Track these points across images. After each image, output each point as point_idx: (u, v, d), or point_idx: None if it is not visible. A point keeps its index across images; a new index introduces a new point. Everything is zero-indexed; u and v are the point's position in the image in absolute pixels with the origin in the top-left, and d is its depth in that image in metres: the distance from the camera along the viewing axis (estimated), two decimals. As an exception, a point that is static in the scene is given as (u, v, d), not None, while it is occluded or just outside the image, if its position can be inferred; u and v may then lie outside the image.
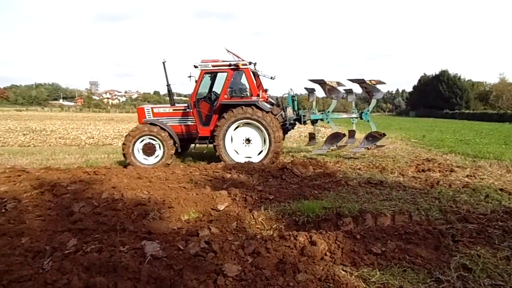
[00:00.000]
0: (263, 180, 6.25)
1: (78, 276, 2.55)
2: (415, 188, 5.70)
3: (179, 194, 4.96)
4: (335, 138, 9.48)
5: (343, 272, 2.81)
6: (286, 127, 9.44)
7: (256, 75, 9.55)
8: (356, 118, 9.57)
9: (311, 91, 10.34)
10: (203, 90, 9.41)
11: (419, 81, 74.08)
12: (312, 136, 10.66)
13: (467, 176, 6.75)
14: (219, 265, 2.76)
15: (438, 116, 53.63)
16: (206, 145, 9.07)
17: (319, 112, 9.90)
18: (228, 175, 6.40)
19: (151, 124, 8.87)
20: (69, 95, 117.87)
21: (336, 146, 9.50)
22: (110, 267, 2.70)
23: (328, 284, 2.62)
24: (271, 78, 9.83)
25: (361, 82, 9.09)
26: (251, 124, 8.67)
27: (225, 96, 8.85)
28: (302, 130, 18.07)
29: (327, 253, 3.06)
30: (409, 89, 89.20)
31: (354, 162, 8.49)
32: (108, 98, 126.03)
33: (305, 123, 9.98)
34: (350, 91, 9.68)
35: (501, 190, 5.54)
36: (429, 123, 32.89)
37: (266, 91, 9.99)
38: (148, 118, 9.29)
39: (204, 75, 8.98)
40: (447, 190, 5.47)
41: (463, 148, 11.70)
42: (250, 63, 9.07)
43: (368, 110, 9.49)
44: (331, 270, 2.79)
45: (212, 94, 9.50)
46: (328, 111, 9.67)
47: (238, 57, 9.28)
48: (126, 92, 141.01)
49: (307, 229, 4.02)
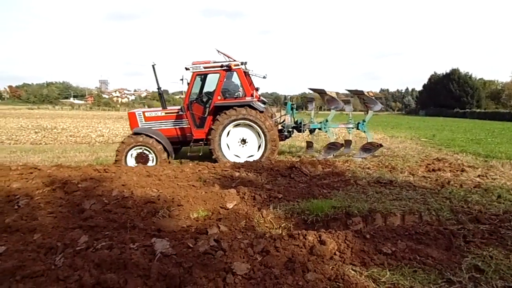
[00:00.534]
0: (272, 178, 6.24)
1: (89, 272, 2.59)
2: (425, 188, 5.62)
3: (188, 192, 4.97)
4: (332, 148, 9.61)
5: (353, 272, 2.79)
6: (285, 135, 9.63)
7: (247, 75, 9.52)
8: (353, 128, 9.78)
9: (310, 100, 10.37)
10: (195, 92, 9.36)
11: (429, 79, 73.24)
12: (309, 145, 10.70)
13: (479, 176, 6.62)
14: (228, 263, 2.77)
15: (448, 115, 53.00)
16: (201, 147, 9.01)
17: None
18: (237, 174, 6.41)
19: (147, 135, 8.54)
20: (79, 94, 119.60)
21: (333, 156, 9.56)
22: (120, 264, 2.73)
23: (337, 283, 2.61)
24: (263, 78, 9.82)
25: (359, 94, 9.23)
26: (243, 125, 8.68)
27: (218, 98, 8.82)
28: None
29: (337, 252, 3.04)
30: (419, 87, 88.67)
31: (363, 161, 8.43)
32: (117, 97, 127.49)
33: (303, 132, 10.09)
34: (347, 102, 9.97)
35: (513, 190, 5.43)
36: (439, 122, 32.47)
37: (257, 89, 9.97)
38: (141, 125, 9.17)
39: (196, 77, 8.91)
40: (458, 190, 5.38)
41: (474, 147, 11.54)
42: (242, 63, 9.03)
43: (364, 121, 9.60)
44: (341, 269, 2.78)
45: (204, 95, 9.41)
46: (327, 121, 9.77)
47: (229, 57, 9.18)
48: (135, 90, 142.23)
49: (316, 228, 4.00)
